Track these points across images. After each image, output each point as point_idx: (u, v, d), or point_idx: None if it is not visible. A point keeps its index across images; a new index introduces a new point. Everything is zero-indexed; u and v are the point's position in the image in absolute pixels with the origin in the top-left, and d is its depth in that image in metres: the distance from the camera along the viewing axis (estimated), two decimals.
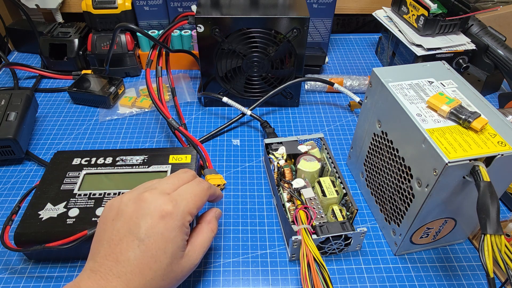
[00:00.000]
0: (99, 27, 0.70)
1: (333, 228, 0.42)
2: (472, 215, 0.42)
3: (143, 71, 0.76)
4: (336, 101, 0.70)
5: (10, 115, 0.55)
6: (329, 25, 0.74)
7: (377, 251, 0.46)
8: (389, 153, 0.44)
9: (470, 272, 0.44)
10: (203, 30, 0.56)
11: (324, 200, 0.45)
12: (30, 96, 0.60)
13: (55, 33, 0.73)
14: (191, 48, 0.74)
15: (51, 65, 0.73)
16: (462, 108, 0.38)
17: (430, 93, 0.42)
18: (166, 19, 0.74)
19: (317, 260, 0.38)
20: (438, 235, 0.44)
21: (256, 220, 0.49)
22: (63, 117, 0.65)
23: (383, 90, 0.43)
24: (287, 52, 0.60)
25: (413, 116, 0.39)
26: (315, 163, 0.48)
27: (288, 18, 0.56)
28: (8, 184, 0.53)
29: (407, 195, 0.41)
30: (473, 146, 0.35)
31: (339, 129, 0.64)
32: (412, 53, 0.65)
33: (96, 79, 0.68)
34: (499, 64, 0.65)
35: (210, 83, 0.64)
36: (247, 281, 0.43)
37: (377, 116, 0.45)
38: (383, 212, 0.47)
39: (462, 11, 0.63)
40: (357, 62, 0.80)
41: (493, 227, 0.32)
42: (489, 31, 0.66)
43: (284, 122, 0.65)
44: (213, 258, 0.45)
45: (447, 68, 0.46)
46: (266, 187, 0.53)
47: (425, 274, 0.44)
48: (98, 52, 0.70)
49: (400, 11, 0.71)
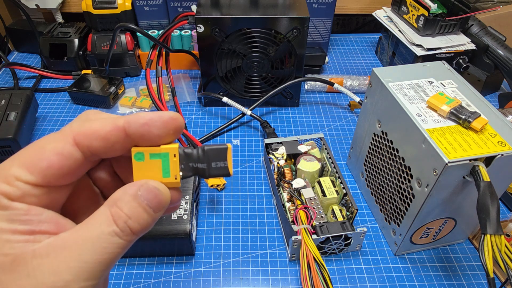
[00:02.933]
0: (99, 27, 0.70)
1: (333, 228, 0.42)
2: (472, 215, 0.42)
3: (143, 71, 0.76)
4: (336, 101, 0.70)
5: (10, 115, 0.55)
6: (329, 25, 0.74)
7: (377, 251, 0.46)
8: (389, 153, 0.44)
9: (470, 272, 0.44)
10: (203, 30, 0.56)
11: (324, 200, 0.45)
12: (30, 96, 0.60)
13: (55, 33, 0.73)
14: (191, 48, 0.74)
15: (51, 65, 0.73)
16: (462, 108, 0.38)
17: (430, 93, 0.42)
18: (166, 19, 0.74)
19: (317, 260, 0.38)
20: (438, 235, 0.44)
21: (256, 220, 0.49)
22: (63, 117, 0.65)
23: (383, 90, 0.43)
24: (287, 52, 0.60)
25: (413, 116, 0.39)
26: (315, 163, 0.48)
27: (288, 18, 0.56)
28: None
29: (407, 195, 0.41)
30: (473, 146, 0.35)
31: (339, 129, 0.64)
32: (412, 53, 0.65)
33: (96, 79, 0.68)
34: (499, 64, 0.65)
35: (210, 83, 0.63)
36: (247, 281, 0.43)
37: (377, 116, 0.45)
38: (383, 212, 0.47)
39: (462, 11, 0.63)
40: (357, 62, 0.80)
41: (493, 227, 0.32)
42: (489, 31, 0.66)
43: (284, 122, 0.65)
44: (213, 258, 0.45)
45: (447, 68, 0.46)
46: (266, 187, 0.53)
47: (425, 274, 0.44)
48: (98, 52, 0.70)
49: (400, 11, 0.71)
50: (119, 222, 0.18)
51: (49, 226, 0.18)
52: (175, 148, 0.20)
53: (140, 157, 0.20)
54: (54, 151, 0.18)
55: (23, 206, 0.18)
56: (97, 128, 0.19)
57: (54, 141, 0.19)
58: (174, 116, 0.20)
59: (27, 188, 0.18)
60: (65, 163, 0.18)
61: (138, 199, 0.19)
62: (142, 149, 0.20)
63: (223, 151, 0.21)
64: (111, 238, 0.18)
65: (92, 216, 0.19)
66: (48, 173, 0.18)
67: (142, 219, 0.19)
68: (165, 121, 0.19)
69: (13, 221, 0.17)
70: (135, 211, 0.19)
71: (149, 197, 0.19)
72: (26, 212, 0.18)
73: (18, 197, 0.18)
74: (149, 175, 0.20)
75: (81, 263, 0.17)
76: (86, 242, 0.17)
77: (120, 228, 0.18)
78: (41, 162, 0.18)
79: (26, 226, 0.18)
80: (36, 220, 0.18)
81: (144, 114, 0.19)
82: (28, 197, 0.18)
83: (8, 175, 0.18)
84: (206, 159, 0.21)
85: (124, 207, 0.18)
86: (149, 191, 0.19)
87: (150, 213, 0.19)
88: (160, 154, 0.20)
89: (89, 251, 0.17)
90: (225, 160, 0.21)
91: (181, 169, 0.21)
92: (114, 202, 0.19)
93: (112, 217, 0.18)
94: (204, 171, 0.21)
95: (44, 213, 0.18)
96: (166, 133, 0.20)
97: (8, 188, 0.17)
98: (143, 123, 0.19)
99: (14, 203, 0.17)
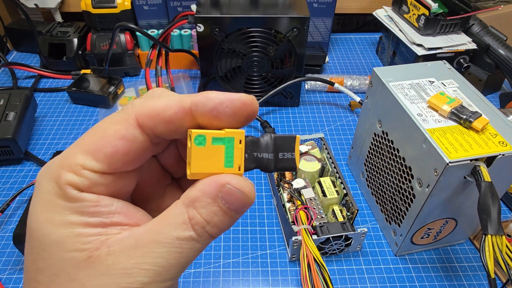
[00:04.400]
0: (99, 26, 0.70)
1: (333, 228, 0.42)
2: (473, 216, 0.42)
3: (143, 70, 0.76)
4: (337, 101, 0.69)
5: (9, 115, 0.55)
6: (330, 24, 0.74)
7: (378, 251, 0.46)
8: (390, 153, 0.43)
9: (471, 272, 0.44)
10: (203, 30, 0.56)
11: (325, 200, 0.45)
12: (29, 96, 0.59)
13: (54, 32, 0.73)
14: (191, 48, 0.74)
15: (50, 64, 0.73)
16: (463, 108, 0.38)
17: (431, 92, 0.41)
18: (165, 19, 0.74)
19: (318, 261, 0.38)
20: (439, 235, 0.44)
21: (256, 220, 0.49)
22: (62, 117, 0.65)
23: (384, 89, 0.43)
24: (287, 51, 0.60)
25: (413, 116, 0.39)
26: (315, 163, 0.48)
27: (288, 18, 0.55)
28: (7, 184, 0.53)
29: (407, 195, 0.41)
30: (474, 146, 0.35)
31: (339, 129, 0.63)
32: (413, 53, 0.65)
33: (95, 79, 0.68)
34: (500, 64, 0.65)
35: (210, 83, 0.63)
36: (247, 282, 0.43)
37: (378, 116, 0.45)
38: (383, 212, 0.47)
39: (463, 10, 0.63)
40: (357, 62, 0.80)
41: (494, 228, 0.32)
42: (490, 31, 0.66)
43: (284, 122, 0.64)
44: (213, 259, 0.45)
45: (448, 68, 0.46)
46: (266, 187, 0.53)
47: (426, 275, 0.44)
48: (98, 52, 0.70)
49: (400, 11, 0.71)
50: (197, 227, 0.16)
51: (120, 217, 0.17)
52: (241, 133, 0.17)
53: (201, 141, 0.17)
54: (118, 135, 0.17)
55: (92, 197, 0.16)
56: (161, 108, 0.17)
57: (116, 124, 0.17)
58: (247, 101, 0.17)
59: (95, 177, 0.16)
60: (131, 148, 0.17)
61: (219, 203, 0.17)
62: (203, 131, 0.17)
63: (292, 140, 0.18)
64: (187, 243, 0.16)
65: (166, 214, 0.17)
66: (114, 159, 0.17)
67: (222, 223, 0.17)
68: (237, 106, 0.17)
69: (84, 214, 0.16)
70: (215, 215, 0.17)
71: (231, 200, 0.17)
72: (96, 204, 0.17)
73: (86, 187, 0.16)
74: (209, 164, 0.17)
75: (156, 267, 0.16)
76: (160, 245, 0.16)
77: (198, 234, 0.16)
78: (105, 148, 0.16)
79: (97, 219, 0.16)
80: (106, 212, 0.17)
81: (214, 95, 0.17)
82: (96, 187, 0.17)
83: (73, 164, 0.16)
84: (274, 149, 0.18)
85: (202, 211, 0.16)
86: (232, 193, 0.17)
87: (231, 215, 0.17)
88: (224, 139, 0.17)
89: (164, 254, 0.16)
90: (293, 151, 0.18)
91: (245, 159, 0.18)
92: (191, 202, 0.17)
93: (190, 221, 0.16)
94: (269, 162, 0.18)
95: (114, 203, 0.17)
96: (236, 120, 0.17)
97: (75, 178, 0.16)
98: (212, 108, 0.17)
99: (83, 194, 0.16)
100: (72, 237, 0.16)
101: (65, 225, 0.16)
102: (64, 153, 0.17)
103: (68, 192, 0.16)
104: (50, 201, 0.16)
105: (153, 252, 0.16)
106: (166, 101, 0.17)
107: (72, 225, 0.16)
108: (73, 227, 0.16)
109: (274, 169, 0.18)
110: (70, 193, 0.16)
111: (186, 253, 0.16)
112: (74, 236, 0.16)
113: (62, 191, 0.16)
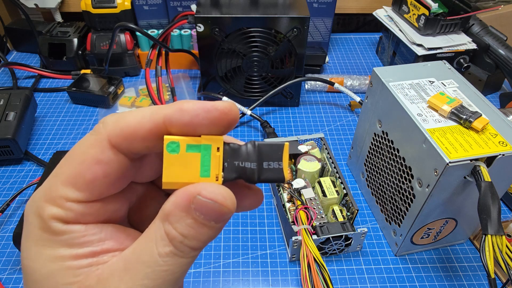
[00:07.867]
0: (99, 26, 0.70)
1: (333, 228, 0.42)
2: (473, 216, 0.42)
3: (143, 70, 0.76)
4: (337, 101, 0.69)
5: (9, 115, 0.55)
6: (330, 24, 0.74)
7: (378, 251, 0.46)
8: (390, 153, 0.43)
9: (471, 272, 0.44)
10: (203, 30, 0.56)
11: (325, 200, 0.45)
12: (29, 96, 0.59)
13: (54, 32, 0.73)
14: (191, 48, 0.74)
15: (50, 64, 0.73)
16: (463, 108, 0.38)
17: (431, 92, 0.41)
18: (165, 19, 0.74)
19: (318, 261, 0.38)
20: (439, 235, 0.44)
21: (256, 220, 0.49)
22: (62, 117, 0.65)
23: (384, 89, 0.43)
24: (287, 51, 0.60)
25: (413, 116, 0.39)
26: (315, 163, 0.48)
27: (288, 18, 0.55)
28: (7, 184, 0.53)
29: (407, 195, 0.41)
30: (474, 146, 0.35)
31: (339, 129, 0.63)
32: (413, 53, 0.65)
33: (95, 79, 0.68)
34: (500, 64, 0.65)
35: (210, 82, 0.63)
36: (247, 282, 0.43)
37: (378, 116, 0.45)
38: (383, 212, 0.47)
39: (463, 10, 0.63)
40: (357, 62, 0.80)
41: (494, 228, 0.32)
42: (490, 31, 0.66)
43: (284, 122, 0.64)
44: (213, 259, 0.45)
45: (448, 68, 0.46)
46: (266, 187, 0.53)
47: (426, 275, 0.44)
48: (98, 52, 0.70)
49: (400, 11, 0.71)
50: (175, 242, 0.15)
51: (111, 243, 0.17)
52: (219, 139, 0.16)
53: (174, 148, 0.16)
54: (94, 159, 0.16)
55: (79, 228, 0.16)
56: (133, 127, 0.16)
57: (90, 147, 0.16)
58: (224, 110, 0.16)
59: (80, 208, 0.16)
60: (110, 170, 0.16)
61: (192, 214, 0.15)
62: (176, 138, 0.16)
63: (279, 149, 0.16)
64: (171, 259, 0.16)
65: (148, 231, 0.16)
66: (95, 185, 0.16)
67: (202, 235, 0.16)
68: (215, 116, 0.16)
69: (73, 245, 0.16)
70: (191, 228, 0.16)
71: (206, 211, 0.15)
72: (84, 234, 0.16)
73: (73, 219, 0.16)
74: (184, 173, 0.16)
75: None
76: (145, 265, 0.15)
77: (178, 249, 0.16)
78: (84, 175, 0.16)
79: (87, 249, 0.16)
80: (96, 240, 0.16)
81: (189, 107, 0.16)
82: (83, 217, 0.16)
83: (56, 197, 0.16)
84: (257, 157, 0.17)
85: (177, 226, 0.15)
86: (204, 205, 0.15)
87: (211, 226, 0.16)
88: (200, 146, 0.16)
89: (150, 275, 0.15)
90: (280, 160, 0.17)
91: (224, 169, 0.16)
92: (166, 216, 0.16)
93: (167, 236, 0.15)
94: (252, 172, 0.16)
95: (102, 230, 0.17)
96: (215, 130, 0.16)
97: (59, 211, 0.16)
98: (188, 122, 0.16)
99: (69, 226, 0.16)
100: (62, 271, 0.16)
101: (55, 259, 0.16)
102: (46, 184, 0.16)
103: (53, 226, 0.16)
104: (38, 236, 0.16)
105: (140, 273, 0.15)
106: (140, 117, 0.16)
107: (62, 259, 0.16)
108: (63, 260, 0.16)
109: (258, 180, 0.17)
110: (55, 227, 0.16)
111: (172, 270, 0.16)
112: (64, 269, 0.16)
113: (47, 226, 0.16)
